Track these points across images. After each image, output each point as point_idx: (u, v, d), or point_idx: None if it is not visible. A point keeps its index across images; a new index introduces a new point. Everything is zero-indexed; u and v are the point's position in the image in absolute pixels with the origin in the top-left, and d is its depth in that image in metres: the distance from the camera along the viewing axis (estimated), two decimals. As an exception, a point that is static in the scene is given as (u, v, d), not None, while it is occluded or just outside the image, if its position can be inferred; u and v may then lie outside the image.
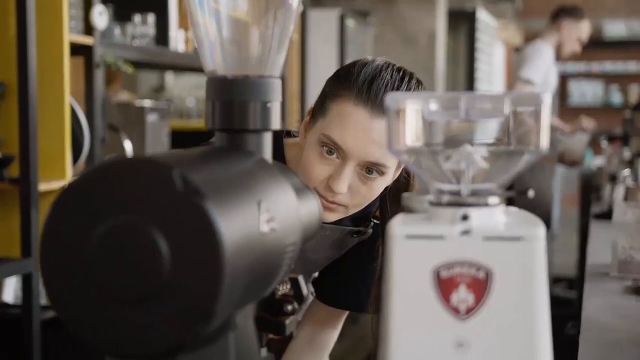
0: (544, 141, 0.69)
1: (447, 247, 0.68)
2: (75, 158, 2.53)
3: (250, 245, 0.65)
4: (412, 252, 0.68)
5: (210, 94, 0.82)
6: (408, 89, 1.27)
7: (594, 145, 9.74)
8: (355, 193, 1.27)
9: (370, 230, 1.44)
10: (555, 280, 5.55)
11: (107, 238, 0.61)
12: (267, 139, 0.82)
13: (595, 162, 8.77)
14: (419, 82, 1.33)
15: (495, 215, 0.70)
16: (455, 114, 0.70)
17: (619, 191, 2.98)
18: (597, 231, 2.69)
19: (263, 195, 0.70)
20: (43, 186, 2.37)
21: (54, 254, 0.63)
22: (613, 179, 3.18)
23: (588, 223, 3.22)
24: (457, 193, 0.71)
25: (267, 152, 0.82)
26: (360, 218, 1.43)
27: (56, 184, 2.44)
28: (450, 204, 0.70)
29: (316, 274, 1.54)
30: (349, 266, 1.48)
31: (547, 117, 0.68)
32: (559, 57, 4.53)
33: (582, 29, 4.47)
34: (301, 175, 1.29)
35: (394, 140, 0.71)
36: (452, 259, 0.68)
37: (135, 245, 0.61)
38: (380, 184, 1.28)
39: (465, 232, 0.68)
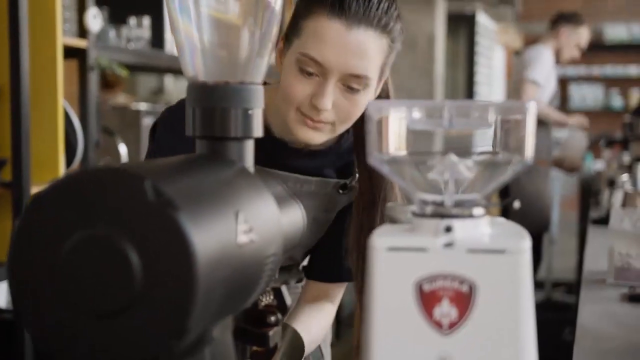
0: (529, 151, 0.67)
1: (429, 259, 0.66)
2: (69, 162, 2.52)
3: (226, 258, 0.63)
4: (394, 265, 0.67)
5: (191, 100, 0.80)
6: (382, 1, 1.23)
7: (594, 149, 9.73)
8: (340, 109, 1.25)
9: (355, 186, 1.41)
10: (554, 285, 5.53)
11: (78, 250, 0.59)
12: (249, 147, 0.80)
13: (595, 166, 8.77)
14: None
15: (479, 227, 0.68)
16: (439, 123, 0.68)
17: (618, 196, 2.96)
18: (595, 237, 2.67)
19: (241, 206, 0.68)
20: (36, 190, 2.35)
21: (23, 266, 0.61)
22: (612, 184, 3.16)
23: (587, 227, 3.20)
24: (440, 204, 0.69)
25: (249, 160, 0.80)
26: (343, 171, 1.42)
27: (49, 188, 2.42)
28: (434, 215, 0.68)
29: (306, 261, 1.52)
30: (335, 237, 1.45)
31: (532, 126, 0.67)
32: (557, 61, 4.53)
33: (580, 35, 4.46)
34: (283, 101, 1.27)
35: (376, 149, 0.69)
36: (434, 272, 0.66)
37: (106, 258, 0.59)
38: (364, 97, 1.26)
39: (449, 245, 0.66)
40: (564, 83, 10.08)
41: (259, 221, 0.70)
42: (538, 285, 5.50)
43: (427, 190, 0.70)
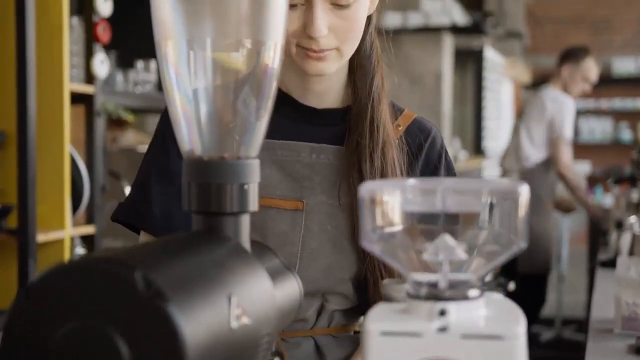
0: (523, 233, 0.67)
1: (424, 344, 0.65)
2: (75, 207, 2.52)
3: (219, 344, 0.63)
4: (388, 349, 0.66)
5: (187, 175, 0.80)
6: None
7: (603, 183, 9.70)
8: (337, 30, 1.16)
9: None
10: (564, 323, 5.49)
11: (68, 341, 0.59)
12: (245, 221, 0.80)
13: (604, 200, 8.73)
14: None
15: (474, 309, 0.68)
16: (432, 204, 0.68)
17: (626, 238, 2.94)
18: (603, 281, 2.65)
19: (235, 288, 0.68)
20: (41, 237, 2.36)
21: (13, 356, 0.60)
22: (619, 225, 3.14)
23: (595, 268, 3.18)
24: (434, 285, 0.69)
25: (245, 235, 0.80)
26: None
27: (55, 235, 2.42)
28: (428, 298, 0.68)
29: None
30: None
31: (524, 208, 0.66)
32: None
33: (585, 69, 4.46)
34: None
35: (368, 230, 0.69)
36: (429, 357, 0.65)
37: (97, 349, 0.58)
38: (359, 9, 1.17)
39: (443, 329, 0.65)
40: (572, 116, 10.08)
41: (252, 302, 0.70)
42: (548, 322, 5.46)
43: (421, 269, 0.70)
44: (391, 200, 0.69)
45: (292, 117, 1.26)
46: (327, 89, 1.27)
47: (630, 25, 9.94)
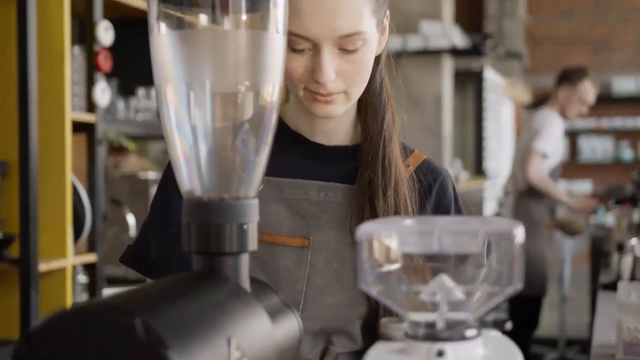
0: (518, 275, 0.67)
1: (422, 385, 0.66)
2: (77, 236, 2.53)
3: (218, 388, 0.64)
4: (386, 390, 0.67)
5: (187, 215, 0.81)
6: None
7: (604, 202, 9.70)
8: (345, 75, 1.15)
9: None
10: (568, 343, 5.47)
11: (69, 387, 0.60)
12: (244, 261, 0.81)
13: (606, 219, 8.72)
14: None
15: (472, 349, 0.68)
16: (429, 245, 0.69)
17: (627, 261, 2.94)
18: (605, 304, 2.65)
19: (234, 330, 0.69)
20: (43, 266, 2.36)
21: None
22: (620, 247, 3.14)
23: (597, 290, 3.18)
24: (432, 325, 0.69)
25: (244, 274, 0.81)
26: None
27: (57, 264, 2.43)
28: (426, 338, 0.68)
29: None
30: None
31: (519, 251, 0.67)
32: (565, 118, 4.55)
33: (581, 92, 4.46)
34: (289, 86, 1.18)
35: (365, 271, 0.70)
36: (427, 398, 0.66)
37: (97, 396, 0.59)
38: (367, 52, 1.16)
39: (441, 370, 0.66)
40: (573, 136, 10.11)
41: (252, 344, 0.70)
42: (551, 343, 5.45)
43: (419, 309, 0.71)
44: (388, 242, 0.70)
45: (301, 155, 1.27)
46: (336, 127, 1.27)
47: (630, 44, 9.97)
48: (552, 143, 4.36)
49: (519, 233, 0.67)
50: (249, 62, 0.79)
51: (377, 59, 1.25)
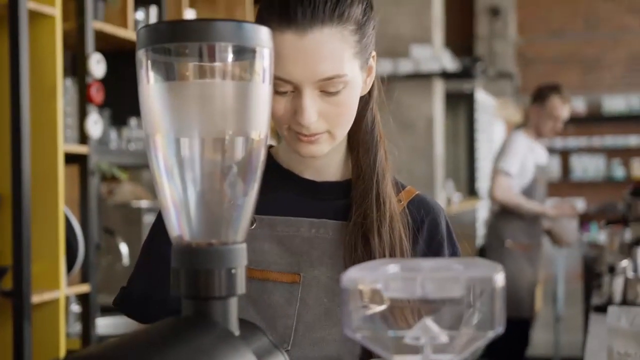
0: (499, 319, 0.69)
1: None
2: (70, 266, 2.54)
3: None
4: None
5: (176, 261, 0.82)
6: None
7: (597, 220, 9.73)
8: (328, 116, 1.16)
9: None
10: (562, 363, 5.48)
11: None
12: (233, 304, 0.82)
13: (599, 236, 8.74)
14: None
15: (456, 393, 0.70)
16: (412, 291, 0.71)
17: (619, 282, 2.96)
18: (596, 327, 2.66)
19: (223, 377, 0.70)
20: (36, 298, 2.37)
21: None
22: (612, 269, 3.16)
23: (589, 311, 3.19)
24: (417, 369, 0.71)
25: (233, 318, 0.82)
26: None
27: (50, 295, 2.44)
28: (411, 382, 0.70)
29: None
30: None
31: (500, 295, 0.69)
32: (541, 136, 4.55)
33: (550, 108, 4.43)
34: (275, 126, 1.19)
35: (351, 316, 0.71)
36: None
37: None
38: (349, 94, 1.17)
39: (425, 415, 0.68)
40: (565, 155, 10.17)
41: (241, 389, 0.72)
42: (546, 364, 5.45)
43: (404, 352, 0.72)
44: (372, 287, 0.71)
45: (293, 192, 1.28)
46: (326, 163, 1.28)
47: (620, 64, 10.05)
48: (516, 161, 4.35)
49: (499, 279, 0.69)
50: (237, 112, 0.81)
51: (368, 97, 1.27)
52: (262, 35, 0.81)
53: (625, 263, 3.10)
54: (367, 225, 1.22)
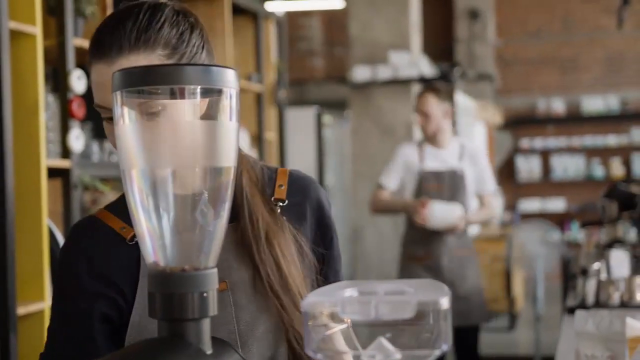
0: (444, 338, 0.76)
1: None
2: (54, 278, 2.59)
3: None
4: None
5: (151, 285, 0.89)
6: (136, 19, 1.20)
7: (579, 219, 9.85)
8: None
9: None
10: (544, 361, 5.56)
11: None
12: (206, 325, 0.89)
13: (578, 235, 8.83)
14: (153, 12, 1.22)
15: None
16: (367, 313, 0.77)
17: (591, 285, 3.03)
18: (568, 330, 2.73)
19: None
20: (21, 310, 2.42)
21: None
22: (584, 272, 3.23)
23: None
24: (373, 384, 0.78)
25: (206, 337, 0.89)
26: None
27: (34, 307, 2.49)
28: (367, 396, 0.77)
29: None
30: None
31: (446, 316, 0.76)
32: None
33: (417, 103, 4.27)
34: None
35: (311, 338, 0.78)
36: None
37: None
38: (172, 117, 1.16)
39: None
40: (545, 155, 10.29)
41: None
42: (527, 363, 5.54)
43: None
44: (330, 311, 0.78)
45: None
46: None
47: (597, 64, 10.18)
48: (390, 172, 4.18)
49: (445, 301, 0.76)
50: (206, 147, 0.88)
51: None
52: (228, 77, 0.88)
53: (597, 265, 3.17)
54: (247, 245, 1.28)
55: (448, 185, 4.19)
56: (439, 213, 3.98)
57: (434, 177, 4.20)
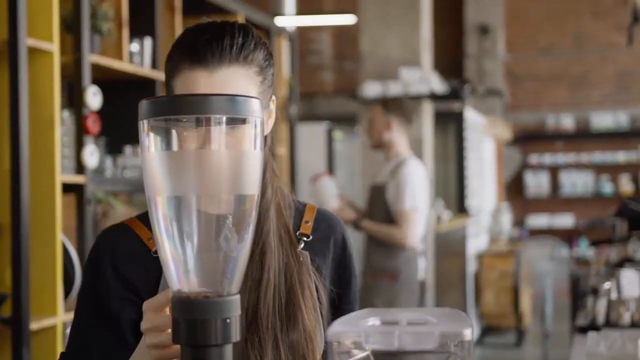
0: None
1: None
2: (67, 293, 2.61)
3: None
4: None
5: (175, 311, 0.90)
6: (232, 34, 1.23)
7: (587, 235, 9.83)
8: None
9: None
10: (552, 380, 5.55)
11: None
12: (228, 351, 0.90)
13: (587, 252, 8.80)
14: (245, 32, 1.26)
15: None
16: (391, 343, 0.78)
17: (602, 304, 3.02)
18: (579, 349, 2.72)
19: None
20: (35, 325, 2.43)
21: None
22: (595, 291, 3.22)
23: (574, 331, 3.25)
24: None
25: (229, 363, 0.90)
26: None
27: (47, 322, 2.50)
28: None
29: None
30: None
31: (469, 347, 0.77)
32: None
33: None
34: None
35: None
36: None
37: None
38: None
39: None
40: (554, 171, 10.28)
41: None
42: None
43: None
44: (354, 340, 0.79)
45: None
46: None
47: (607, 80, 10.18)
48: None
49: (468, 332, 0.77)
50: (231, 176, 0.90)
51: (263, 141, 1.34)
52: (253, 106, 0.89)
53: (608, 285, 3.16)
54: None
55: (370, 198, 4.14)
56: (321, 187, 3.96)
57: (369, 189, 4.21)
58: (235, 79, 1.22)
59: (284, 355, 1.22)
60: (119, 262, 1.26)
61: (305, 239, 1.33)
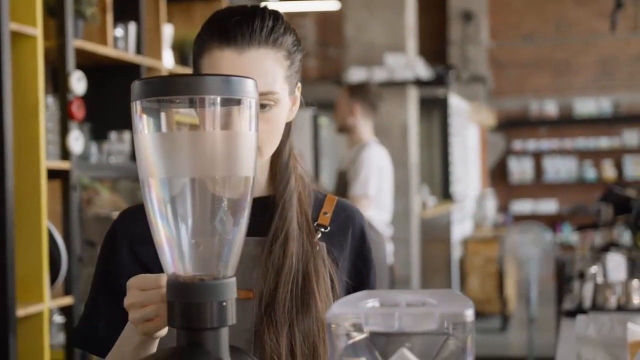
0: (470, 351, 0.76)
1: None
2: (53, 279, 2.59)
3: None
4: None
5: (171, 295, 0.89)
6: (262, 17, 1.24)
7: (571, 220, 9.89)
8: (259, 131, 1.17)
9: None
10: (537, 362, 5.58)
11: None
12: (224, 334, 0.89)
13: (571, 237, 8.85)
14: (275, 16, 1.27)
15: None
16: (391, 325, 0.77)
17: (588, 288, 3.04)
18: (567, 332, 2.73)
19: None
20: (21, 312, 2.41)
21: None
22: (581, 275, 3.24)
23: (561, 314, 3.26)
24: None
25: (224, 347, 0.89)
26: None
27: (34, 309, 2.48)
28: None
29: None
30: None
31: (470, 329, 0.76)
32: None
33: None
34: None
35: (335, 348, 0.78)
36: None
37: None
38: (279, 113, 1.25)
39: None
40: (538, 157, 10.32)
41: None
42: (520, 364, 5.56)
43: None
44: (354, 322, 0.78)
45: None
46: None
47: (590, 67, 10.21)
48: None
49: (470, 313, 0.76)
50: (225, 157, 0.88)
51: (288, 129, 1.33)
52: (248, 87, 0.88)
53: (594, 269, 3.18)
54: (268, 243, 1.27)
55: (336, 184, 4.16)
56: None
57: (336, 175, 4.22)
58: (264, 61, 1.23)
59: (298, 340, 1.22)
60: (136, 243, 1.26)
61: (322, 229, 1.32)
